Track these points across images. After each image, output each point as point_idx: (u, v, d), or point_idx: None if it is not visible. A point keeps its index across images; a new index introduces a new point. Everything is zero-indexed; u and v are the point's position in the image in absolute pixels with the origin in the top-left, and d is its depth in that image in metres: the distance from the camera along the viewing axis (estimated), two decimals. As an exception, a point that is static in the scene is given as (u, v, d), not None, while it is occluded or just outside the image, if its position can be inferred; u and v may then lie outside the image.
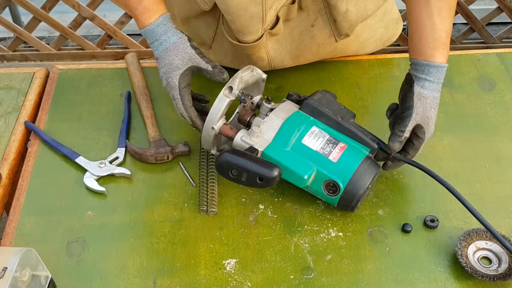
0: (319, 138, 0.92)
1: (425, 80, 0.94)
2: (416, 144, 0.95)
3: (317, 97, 0.97)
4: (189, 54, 0.97)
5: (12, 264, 0.75)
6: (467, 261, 0.88)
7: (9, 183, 1.02)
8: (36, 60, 2.69)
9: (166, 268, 0.90)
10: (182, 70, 0.97)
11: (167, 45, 0.97)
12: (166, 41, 0.97)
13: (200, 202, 0.98)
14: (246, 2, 0.97)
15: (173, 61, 0.96)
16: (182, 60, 0.97)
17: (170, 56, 0.96)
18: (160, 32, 0.97)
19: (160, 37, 0.97)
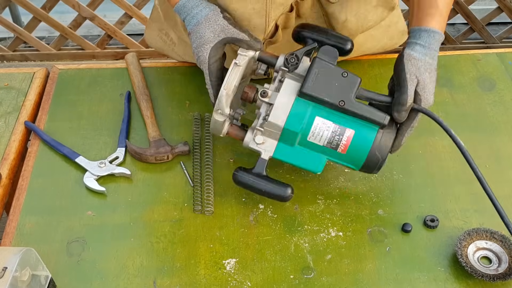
0: (324, 131, 0.90)
1: (415, 44, 0.91)
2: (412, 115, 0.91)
3: (314, 75, 0.90)
4: (221, 25, 0.93)
5: (12, 264, 0.75)
6: (467, 260, 0.88)
7: (9, 183, 1.02)
8: (36, 60, 2.70)
9: (166, 268, 0.90)
10: (213, 43, 0.93)
11: (198, 18, 0.94)
12: (198, 14, 0.94)
13: (195, 201, 0.98)
14: (250, 14, 0.98)
15: (204, 34, 0.93)
16: (214, 33, 0.93)
17: (201, 29, 0.93)
18: (191, 5, 0.94)
19: (192, 11, 0.94)
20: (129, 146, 1.05)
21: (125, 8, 2.52)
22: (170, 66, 1.25)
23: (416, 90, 0.89)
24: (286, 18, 1.05)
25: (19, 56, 2.69)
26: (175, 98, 1.17)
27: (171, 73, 1.23)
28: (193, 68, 1.24)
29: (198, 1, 0.95)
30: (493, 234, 0.91)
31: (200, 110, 1.14)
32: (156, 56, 2.62)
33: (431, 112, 0.91)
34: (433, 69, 0.91)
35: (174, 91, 1.18)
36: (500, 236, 0.91)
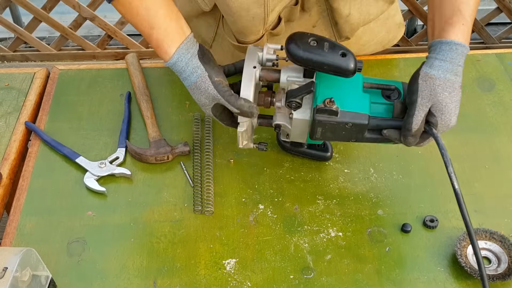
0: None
1: (435, 59, 0.83)
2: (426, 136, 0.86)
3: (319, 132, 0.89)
4: (212, 94, 0.89)
5: (12, 264, 0.76)
6: (467, 261, 0.89)
7: (10, 183, 1.03)
8: (37, 60, 2.70)
9: (166, 268, 0.90)
10: (212, 106, 0.91)
11: (189, 84, 0.91)
12: (188, 79, 0.90)
13: (195, 202, 0.98)
14: (248, 3, 0.97)
15: (200, 100, 0.92)
16: (208, 99, 0.91)
17: (196, 95, 0.91)
18: (181, 67, 0.90)
19: (182, 73, 0.90)
20: (129, 146, 1.05)
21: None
22: (170, 66, 1.25)
23: (431, 112, 0.83)
24: (290, 11, 1.05)
25: (19, 56, 2.69)
26: (175, 99, 1.17)
27: (171, 73, 1.22)
28: (193, 69, 1.24)
29: (187, 62, 0.89)
30: (492, 234, 0.91)
31: (200, 111, 1.14)
32: (156, 56, 2.62)
33: (439, 140, 0.84)
34: (456, 87, 0.83)
35: (174, 92, 1.19)
36: (499, 237, 0.91)
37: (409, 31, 2.82)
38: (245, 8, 0.98)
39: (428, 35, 0.90)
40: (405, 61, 1.26)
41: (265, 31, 1.05)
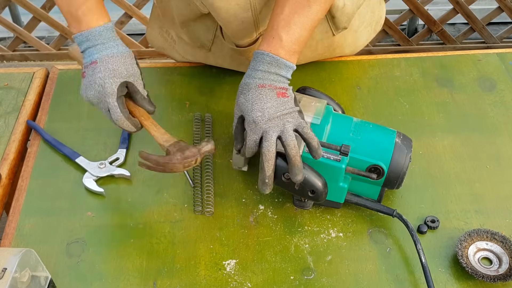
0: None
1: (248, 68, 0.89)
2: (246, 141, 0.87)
3: None
4: (134, 70, 0.91)
5: (11, 265, 0.75)
6: (468, 261, 0.88)
7: (9, 183, 1.02)
8: (36, 60, 2.69)
9: (166, 269, 0.89)
10: (123, 80, 0.89)
11: (114, 51, 0.90)
12: (114, 47, 0.90)
13: (195, 202, 0.97)
14: (234, 9, 0.97)
15: (118, 68, 0.89)
16: (127, 71, 0.90)
17: (116, 63, 0.89)
18: (108, 36, 0.91)
19: (108, 42, 0.90)
20: (147, 157, 0.88)
21: (125, 8, 2.52)
22: (169, 66, 1.25)
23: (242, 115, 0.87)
24: None
25: (18, 56, 2.69)
26: (175, 99, 1.17)
27: (170, 73, 1.23)
28: (192, 69, 1.24)
29: (115, 36, 0.92)
30: (493, 235, 0.91)
31: (200, 111, 1.14)
32: (156, 56, 2.62)
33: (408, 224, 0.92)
34: (251, 88, 0.86)
35: (174, 92, 1.18)
36: (500, 237, 0.90)
37: (410, 31, 2.81)
38: (232, 14, 0.98)
39: None
40: (406, 61, 1.25)
41: (260, 35, 1.05)
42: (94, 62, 0.90)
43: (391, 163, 0.91)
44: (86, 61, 0.91)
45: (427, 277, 0.86)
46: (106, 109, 0.90)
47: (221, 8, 0.97)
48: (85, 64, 0.91)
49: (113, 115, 0.90)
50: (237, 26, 1.01)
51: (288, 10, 0.88)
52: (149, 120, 0.95)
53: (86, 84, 0.90)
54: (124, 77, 0.90)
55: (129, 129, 0.92)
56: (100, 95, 0.89)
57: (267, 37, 0.88)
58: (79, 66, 0.97)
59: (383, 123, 0.97)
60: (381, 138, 0.93)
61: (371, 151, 0.90)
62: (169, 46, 1.22)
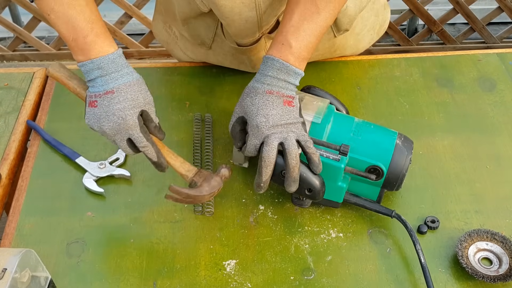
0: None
1: (257, 72, 0.89)
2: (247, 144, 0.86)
3: None
4: (149, 97, 0.89)
5: (11, 265, 0.75)
6: (468, 262, 0.88)
7: (9, 183, 1.02)
8: (36, 60, 2.69)
9: (166, 269, 0.89)
10: (141, 109, 0.87)
11: (130, 79, 0.86)
12: (129, 74, 0.87)
13: (196, 204, 0.97)
14: (239, 7, 0.97)
15: (137, 97, 0.86)
16: (144, 99, 0.88)
17: (134, 92, 0.86)
18: (121, 63, 0.86)
19: (122, 69, 0.86)
20: (179, 191, 0.87)
21: (125, 8, 2.52)
22: (170, 66, 1.25)
23: (243, 116, 0.87)
24: None
25: (18, 56, 2.69)
26: (175, 99, 1.17)
27: (170, 73, 1.23)
28: (192, 69, 1.24)
29: (127, 63, 0.88)
30: (493, 235, 0.91)
31: (200, 111, 1.14)
32: (156, 56, 2.62)
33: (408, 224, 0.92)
34: (259, 92, 0.86)
35: (174, 92, 1.18)
36: (500, 237, 0.90)
37: (410, 31, 2.81)
38: (236, 12, 0.98)
39: None
40: (406, 61, 1.25)
41: (262, 34, 1.05)
42: (111, 92, 0.85)
43: (391, 165, 0.91)
44: (98, 90, 0.86)
45: (427, 277, 0.86)
46: (123, 140, 0.87)
47: (225, 6, 0.97)
48: (96, 93, 0.86)
49: (139, 144, 0.88)
50: (241, 25, 1.00)
51: (297, 17, 0.88)
52: (165, 148, 0.93)
53: (100, 115, 0.86)
54: (142, 106, 0.87)
55: (151, 157, 0.89)
56: (120, 127, 0.86)
57: (276, 43, 0.88)
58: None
59: (383, 123, 0.97)
60: (382, 139, 0.93)
61: (371, 152, 0.90)
62: (172, 41, 1.23)
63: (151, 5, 1.24)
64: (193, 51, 1.21)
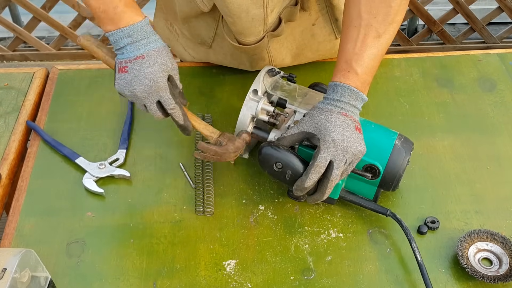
0: None
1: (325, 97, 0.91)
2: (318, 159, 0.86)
3: None
4: (174, 63, 0.92)
5: (11, 265, 0.75)
6: (468, 262, 0.88)
7: (9, 183, 1.02)
8: (36, 60, 2.69)
9: (166, 269, 0.89)
10: (169, 73, 0.91)
11: (158, 45, 0.90)
12: (157, 41, 0.91)
13: (197, 203, 0.97)
14: (247, 5, 0.97)
15: (166, 62, 0.90)
16: (171, 65, 0.91)
17: (163, 56, 0.90)
18: (149, 31, 0.91)
19: (150, 36, 0.90)
20: (208, 148, 0.93)
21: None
22: (170, 66, 1.24)
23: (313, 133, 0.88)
24: (290, 11, 1.05)
25: (18, 56, 2.69)
26: (175, 99, 1.16)
27: (171, 73, 1.22)
28: (192, 69, 1.24)
29: (154, 31, 0.92)
30: (493, 235, 0.91)
31: (200, 111, 1.14)
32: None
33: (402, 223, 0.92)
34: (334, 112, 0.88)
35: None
36: (501, 238, 0.90)
37: (410, 31, 2.81)
38: (244, 9, 0.98)
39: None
40: (406, 61, 1.25)
41: (266, 32, 1.05)
42: (141, 57, 0.89)
43: (388, 164, 0.91)
44: (128, 56, 0.90)
45: (424, 275, 0.86)
46: (153, 103, 0.91)
47: (233, 3, 0.97)
48: (126, 59, 0.90)
49: (169, 106, 0.91)
50: (247, 23, 1.00)
51: (360, 44, 0.91)
52: (189, 112, 0.97)
53: (131, 79, 0.89)
54: (169, 70, 0.91)
55: (179, 119, 0.93)
56: (151, 89, 0.89)
57: (342, 71, 0.91)
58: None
59: (383, 123, 0.97)
60: (381, 138, 0.93)
61: (369, 151, 0.90)
62: (174, 38, 1.23)
63: (152, 5, 1.24)
64: (194, 49, 1.21)
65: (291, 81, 1.03)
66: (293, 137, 0.90)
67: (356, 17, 0.91)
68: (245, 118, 0.96)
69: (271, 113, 0.96)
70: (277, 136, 0.94)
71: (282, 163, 0.89)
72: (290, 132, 0.90)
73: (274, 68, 1.01)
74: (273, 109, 0.96)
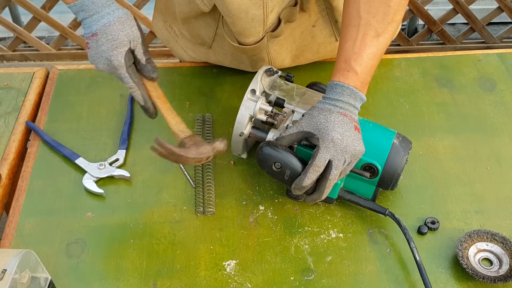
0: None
1: (324, 97, 0.91)
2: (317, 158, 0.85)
3: None
4: (135, 34, 0.89)
5: (11, 266, 0.75)
6: (468, 262, 0.88)
7: (9, 184, 1.02)
8: (36, 60, 2.69)
9: (166, 270, 0.89)
10: (128, 47, 0.89)
11: (110, 19, 0.87)
12: (110, 14, 0.87)
13: (197, 203, 0.97)
14: (247, 5, 0.97)
15: (118, 36, 0.87)
16: (128, 37, 0.88)
17: (115, 31, 0.87)
18: (102, 3, 0.87)
19: (103, 10, 0.87)
20: (164, 145, 0.88)
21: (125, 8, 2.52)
22: (170, 66, 1.25)
23: (312, 133, 0.87)
24: (289, 12, 1.05)
25: (18, 56, 2.69)
26: (175, 99, 1.16)
27: (171, 73, 1.23)
28: (193, 69, 1.24)
29: (108, 1, 0.89)
30: (494, 235, 0.91)
31: (200, 111, 1.14)
32: (156, 56, 2.62)
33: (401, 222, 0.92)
34: (334, 112, 0.87)
35: (174, 92, 1.18)
36: (501, 238, 0.90)
37: (410, 31, 2.81)
38: (244, 9, 0.98)
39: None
40: (406, 61, 1.25)
41: (265, 33, 1.05)
42: (95, 35, 0.88)
43: (386, 164, 0.91)
44: (87, 32, 0.89)
45: (423, 275, 0.86)
46: (119, 78, 0.92)
47: (233, 3, 0.97)
48: (87, 35, 0.90)
49: (126, 85, 0.92)
50: (246, 23, 1.00)
51: (359, 43, 0.91)
52: (167, 104, 0.94)
53: (93, 57, 0.90)
54: (126, 44, 0.89)
55: (138, 100, 0.93)
56: (110, 67, 0.90)
57: (341, 70, 0.90)
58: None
59: (383, 123, 0.97)
60: (379, 137, 0.93)
61: (367, 150, 0.90)
62: (173, 40, 1.23)
63: (151, 5, 1.24)
64: (194, 50, 1.21)
65: (289, 80, 1.03)
66: (292, 137, 0.90)
67: (355, 17, 0.91)
68: (243, 118, 0.96)
69: (269, 113, 0.96)
70: (276, 136, 0.94)
71: (281, 163, 0.89)
72: (289, 131, 0.90)
73: (272, 68, 1.01)
74: (271, 108, 0.96)
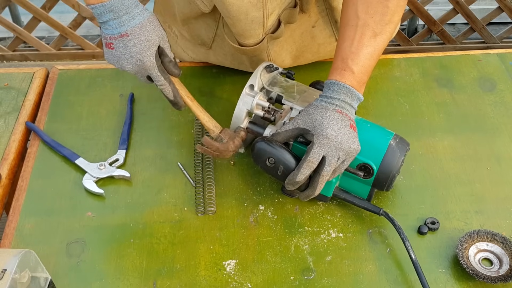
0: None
1: (321, 95, 0.91)
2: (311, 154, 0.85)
3: None
4: (162, 33, 0.92)
5: (11, 266, 0.75)
6: (468, 262, 0.88)
7: (9, 183, 1.02)
8: (36, 60, 2.69)
9: (166, 269, 0.89)
10: (157, 47, 0.91)
11: (141, 19, 0.88)
12: (140, 14, 0.88)
13: (197, 203, 0.97)
14: (246, 7, 0.97)
15: (151, 37, 0.89)
16: (158, 36, 0.90)
17: (147, 32, 0.89)
18: (130, 4, 0.88)
19: (132, 10, 0.88)
20: (210, 143, 0.95)
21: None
22: (170, 66, 1.24)
23: (307, 129, 0.87)
24: (289, 13, 1.05)
25: (18, 56, 2.69)
26: (175, 99, 1.16)
27: (171, 73, 1.22)
28: (193, 69, 1.24)
29: (137, 2, 0.90)
30: (494, 235, 0.91)
31: (200, 111, 1.14)
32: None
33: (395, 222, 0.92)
34: (329, 109, 0.88)
35: (174, 92, 1.18)
36: (501, 238, 0.90)
37: (410, 31, 2.81)
38: (243, 11, 0.98)
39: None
40: (406, 61, 1.25)
41: (265, 35, 1.05)
42: (125, 35, 0.88)
43: (382, 164, 0.91)
44: (113, 33, 0.89)
45: (419, 274, 0.86)
46: (143, 77, 0.93)
47: (232, 5, 0.97)
48: (111, 35, 0.89)
49: (157, 83, 0.93)
50: (246, 25, 1.00)
51: (357, 43, 0.91)
52: (195, 101, 0.99)
53: (119, 57, 0.90)
54: (157, 43, 0.91)
55: (168, 95, 0.95)
56: (139, 68, 0.91)
57: (338, 69, 0.91)
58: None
59: (383, 124, 0.97)
60: (376, 138, 0.93)
61: (364, 150, 0.90)
62: (172, 40, 1.23)
63: (150, 6, 1.24)
64: (194, 50, 1.21)
65: (290, 77, 1.03)
66: (287, 133, 0.90)
67: (353, 17, 0.92)
68: (240, 113, 0.96)
69: (266, 109, 0.96)
70: (272, 132, 0.94)
71: (275, 158, 0.89)
72: (285, 128, 0.90)
73: (272, 64, 1.01)
74: (268, 104, 0.96)
